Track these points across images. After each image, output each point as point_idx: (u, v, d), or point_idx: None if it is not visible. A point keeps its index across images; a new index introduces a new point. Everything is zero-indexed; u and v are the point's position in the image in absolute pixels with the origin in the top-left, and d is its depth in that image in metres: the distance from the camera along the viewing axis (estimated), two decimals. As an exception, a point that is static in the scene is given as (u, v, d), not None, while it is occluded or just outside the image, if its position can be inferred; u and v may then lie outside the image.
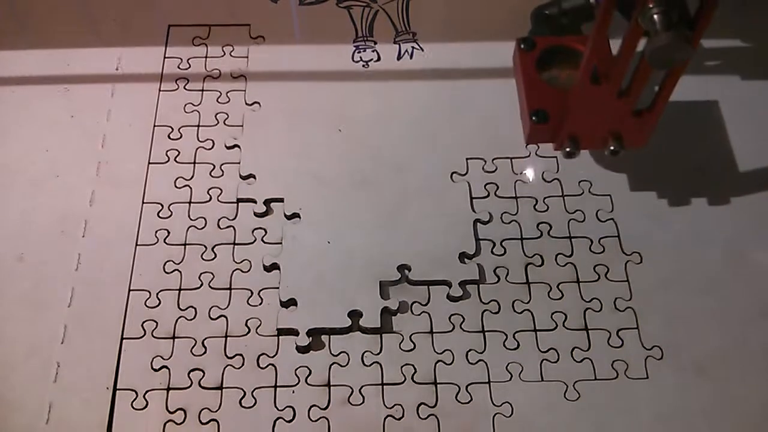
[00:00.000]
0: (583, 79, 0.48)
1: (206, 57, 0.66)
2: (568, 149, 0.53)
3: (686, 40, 0.42)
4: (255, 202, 0.58)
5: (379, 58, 0.67)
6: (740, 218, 0.59)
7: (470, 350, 0.53)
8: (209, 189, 0.59)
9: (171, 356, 0.52)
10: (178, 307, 0.54)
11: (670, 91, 0.49)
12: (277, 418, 0.50)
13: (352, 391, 0.51)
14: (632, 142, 0.53)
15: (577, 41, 0.54)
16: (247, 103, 0.64)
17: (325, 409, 0.51)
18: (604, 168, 0.61)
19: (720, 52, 0.66)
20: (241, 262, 0.56)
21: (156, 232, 0.57)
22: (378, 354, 0.53)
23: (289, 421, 0.50)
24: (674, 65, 0.45)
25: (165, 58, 0.66)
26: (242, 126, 0.62)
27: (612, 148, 0.52)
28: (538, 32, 0.59)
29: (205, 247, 0.56)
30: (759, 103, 0.64)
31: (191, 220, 0.58)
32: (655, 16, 0.42)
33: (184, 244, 0.57)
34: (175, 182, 0.59)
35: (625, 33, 0.45)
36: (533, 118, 0.52)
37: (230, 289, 0.55)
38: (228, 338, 0.53)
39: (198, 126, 0.62)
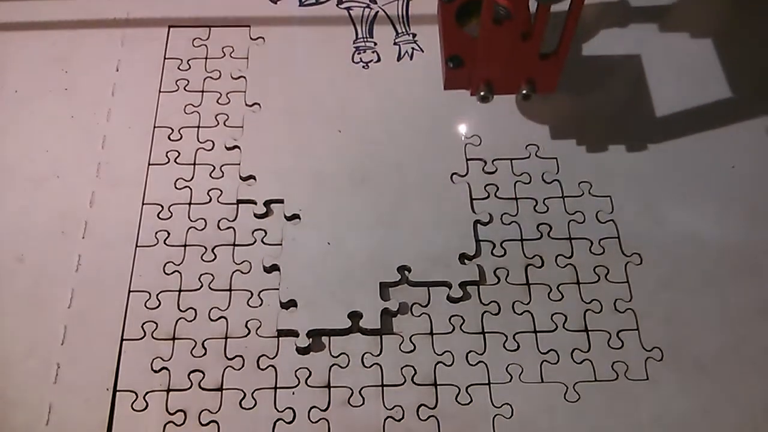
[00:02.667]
0: (485, 21, 0.50)
1: (206, 58, 0.66)
2: (482, 93, 0.55)
3: None
4: (255, 203, 0.58)
5: (379, 59, 0.67)
6: (740, 218, 0.59)
7: (470, 351, 0.53)
8: (209, 190, 0.59)
9: (171, 357, 0.52)
10: (178, 308, 0.54)
11: (571, 33, 0.51)
12: (277, 420, 0.50)
13: (352, 393, 0.51)
14: (543, 87, 0.55)
15: None
16: (247, 104, 0.64)
17: (325, 410, 0.51)
18: (605, 169, 0.61)
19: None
20: (241, 263, 0.56)
21: (156, 233, 0.57)
22: (378, 355, 0.53)
23: (289, 423, 0.50)
24: None
25: (165, 59, 0.66)
26: (242, 127, 0.62)
27: (524, 92, 0.55)
28: None
29: (205, 248, 0.56)
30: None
31: (191, 221, 0.58)
32: None
33: (184, 245, 0.57)
34: (175, 183, 0.59)
35: None
36: (449, 63, 0.54)
37: (230, 290, 0.55)
38: (228, 339, 0.53)
39: (198, 127, 0.62)
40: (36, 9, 0.68)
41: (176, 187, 0.59)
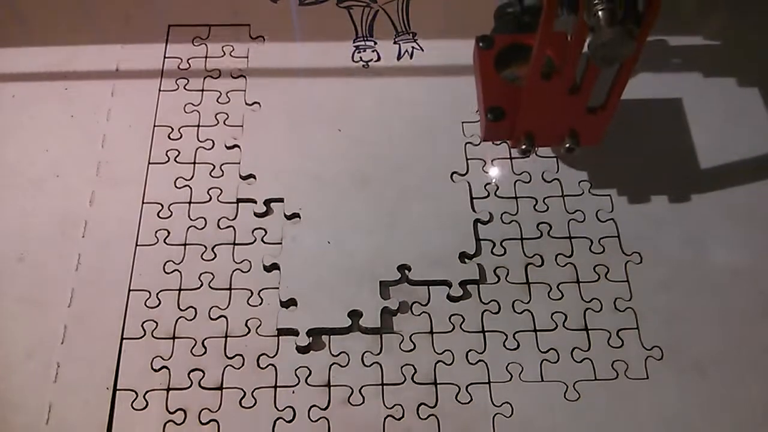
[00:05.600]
0: (532, 75, 0.48)
1: (206, 57, 0.66)
2: (524, 146, 0.53)
3: (628, 35, 0.42)
4: (255, 202, 0.58)
5: (379, 58, 0.67)
6: (739, 218, 0.59)
7: (470, 350, 0.53)
8: (209, 189, 0.59)
9: (171, 356, 0.52)
10: (178, 307, 0.54)
11: (622, 88, 0.49)
12: (277, 419, 0.50)
13: (352, 392, 0.51)
14: (587, 140, 0.53)
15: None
16: (247, 103, 0.64)
17: (325, 409, 0.51)
18: (604, 168, 0.61)
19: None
20: (241, 262, 0.56)
21: (156, 232, 0.57)
22: (378, 354, 0.53)
23: (289, 422, 0.50)
24: (618, 61, 0.45)
25: (165, 57, 0.66)
26: (242, 126, 0.62)
27: (567, 145, 0.52)
28: (501, 30, 0.58)
29: (205, 247, 0.56)
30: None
31: (191, 220, 0.58)
32: (600, 13, 0.42)
33: (184, 245, 0.57)
34: (175, 182, 0.59)
35: (573, 29, 0.45)
36: (489, 115, 0.52)
37: (230, 289, 0.55)
38: (228, 338, 0.53)
39: (198, 126, 0.62)
40: (36, 7, 0.68)
41: (176, 186, 0.59)
